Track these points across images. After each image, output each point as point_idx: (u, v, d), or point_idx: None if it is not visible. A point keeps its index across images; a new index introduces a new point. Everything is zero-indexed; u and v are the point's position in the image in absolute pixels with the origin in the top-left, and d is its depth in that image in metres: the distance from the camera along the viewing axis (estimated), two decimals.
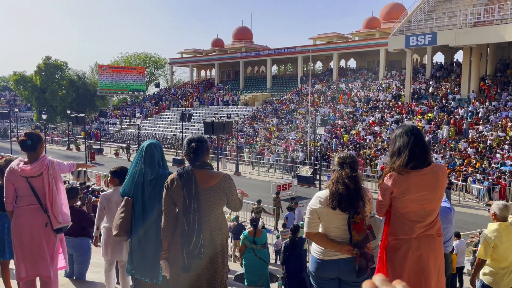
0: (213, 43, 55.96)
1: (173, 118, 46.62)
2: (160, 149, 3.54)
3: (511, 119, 24.39)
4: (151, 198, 3.30)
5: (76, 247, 5.24)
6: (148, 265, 3.30)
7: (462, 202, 19.02)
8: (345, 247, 2.95)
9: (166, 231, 3.06)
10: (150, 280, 3.32)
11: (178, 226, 3.05)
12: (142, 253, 3.31)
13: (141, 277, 3.35)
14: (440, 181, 2.90)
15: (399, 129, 3.03)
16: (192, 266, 2.99)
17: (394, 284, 0.89)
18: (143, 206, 3.32)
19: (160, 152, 3.51)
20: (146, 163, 3.38)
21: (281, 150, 30.01)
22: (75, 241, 5.20)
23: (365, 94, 35.86)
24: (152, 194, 3.30)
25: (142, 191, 3.33)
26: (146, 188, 3.33)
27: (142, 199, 3.33)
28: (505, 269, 4.50)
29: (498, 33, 25.85)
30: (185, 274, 3.00)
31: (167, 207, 3.06)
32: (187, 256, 2.96)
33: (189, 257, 2.96)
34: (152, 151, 3.43)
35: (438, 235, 3.00)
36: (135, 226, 3.37)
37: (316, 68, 53.52)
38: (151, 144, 3.47)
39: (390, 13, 42.97)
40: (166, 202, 3.06)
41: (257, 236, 7.00)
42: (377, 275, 0.93)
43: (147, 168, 3.36)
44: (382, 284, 0.88)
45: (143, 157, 3.42)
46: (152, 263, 3.29)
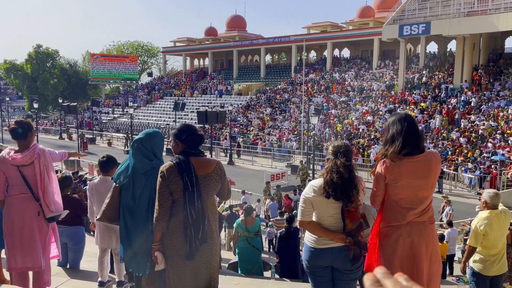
0: (207, 32, 55.50)
1: (166, 107, 46.38)
2: (157, 140, 3.44)
3: (503, 108, 24.58)
4: (143, 191, 3.26)
5: (72, 236, 5.23)
6: (135, 256, 3.28)
7: (453, 191, 19.23)
8: (339, 236, 2.97)
9: (161, 222, 3.01)
10: (137, 272, 3.30)
11: (174, 214, 3.03)
12: (129, 244, 3.30)
13: (131, 268, 3.34)
14: (433, 168, 2.91)
15: (393, 117, 3.04)
16: (196, 253, 3.00)
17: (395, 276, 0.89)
18: (133, 197, 3.29)
19: (156, 143, 3.42)
20: (135, 159, 3.33)
21: (274, 139, 30.04)
22: (70, 230, 5.19)
23: (359, 84, 35.88)
24: (145, 186, 3.26)
25: (133, 183, 3.30)
26: (138, 181, 3.28)
27: (133, 191, 3.29)
28: (494, 256, 4.56)
29: (491, 23, 25.90)
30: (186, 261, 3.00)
31: (163, 197, 3.01)
32: (199, 242, 2.96)
33: (200, 243, 2.97)
34: (140, 146, 3.34)
35: (430, 223, 3.01)
36: (123, 216, 3.34)
37: (310, 57, 53.34)
38: (138, 140, 3.37)
39: (384, 2, 42.81)
40: (162, 192, 3.01)
41: (250, 224, 7.03)
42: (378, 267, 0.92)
43: (138, 163, 3.32)
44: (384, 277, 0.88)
45: (131, 153, 3.37)
46: (139, 254, 3.27)
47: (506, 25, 25.57)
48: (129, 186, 3.31)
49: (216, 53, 52.80)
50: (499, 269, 4.63)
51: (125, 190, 3.32)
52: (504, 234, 4.71)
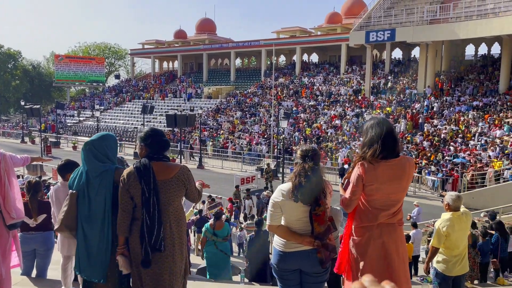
0: (176, 35, 54.99)
1: (134, 110, 45.57)
2: (109, 142, 3.33)
3: (463, 113, 25.59)
4: (97, 195, 3.16)
5: (44, 242, 5.03)
6: (93, 263, 3.18)
7: (417, 193, 19.81)
8: (307, 239, 2.99)
9: (123, 226, 3.00)
10: (95, 279, 3.20)
11: (136, 219, 3.00)
12: (87, 251, 3.19)
13: (86, 276, 3.22)
14: (406, 172, 2.99)
15: (371, 121, 3.09)
16: (153, 260, 2.96)
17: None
18: (89, 203, 3.19)
19: (108, 146, 3.30)
20: (87, 162, 3.24)
21: (244, 143, 30.06)
22: (43, 235, 5.00)
23: (327, 88, 36.48)
24: (98, 190, 3.17)
25: (87, 188, 3.19)
26: (91, 185, 3.19)
27: (88, 196, 3.20)
28: (457, 257, 4.72)
29: (453, 31, 26.96)
30: (146, 269, 2.96)
31: (124, 202, 3.00)
32: (151, 250, 2.93)
33: (152, 251, 2.93)
34: (91, 148, 3.24)
35: (399, 224, 3.10)
36: (80, 223, 3.23)
37: (279, 61, 53.82)
38: (90, 142, 3.28)
39: (351, 8, 43.79)
40: (123, 196, 3.00)
41: (218, 229, 6.99)
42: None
43: (90, 167, 3.22)
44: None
45: (83, 156, 3.28)
46: (97, 261, 3.17)
47: (466, 33, 26.69)
48: (84, 191, 3.21)
49: (185, 56, 52.39)
50: (461, 269, 4.80)
51: (81, 196, 3.22)
52: (466, 235, 4.89)
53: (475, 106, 25.88)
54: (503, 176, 17.91)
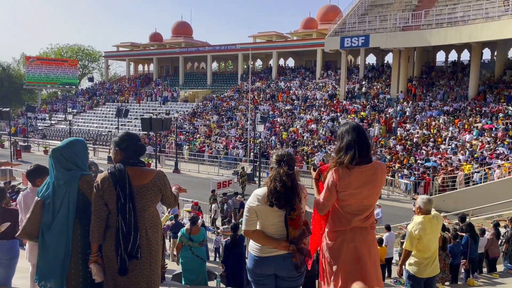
0: (151, 37, 54.46)
1: (108, 113, 44.79)
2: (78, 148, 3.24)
3: (434, 118, 26.29)
4: (62, 203, 3.08)
5: (8, 251, 4.85)
6: (52, 272, 3.09)
7: (391, 196, 20.21)
8: (282, 244, 3.00)
9: (97, 233, 2.93)
10: None
11: (110, 226, 2.94)
12: (46, 260, 3.10)
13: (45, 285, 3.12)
14: (379, 178, 3.05)
15: (346, 126, 3.13)
16: (130, 268, 2.91)
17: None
18: (53, 211, 3.11)
19: (77, 152, 3.22)
20: (55, 169, 3.15)
21: (221, 147, 29.98)
22: (8, 244, 4.81)
23: (303, 93, 36.83)
24: (63, 198, 3.08)
25: (53, 196, 3.11)
26: (57, 194, 3.10)
27: (53, 204, 3.11)
28: (428, 259, 4.84)
29: (424, 38, 27.71)
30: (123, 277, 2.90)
31: (98, 208, 2.94)
32: (128, 257, 2.87)
33: (129, 259, 2.88)
34: (58, 156, 3.15)
35: (371, 228, 3.16)
36: (41, 231, 3.13)
37: (256, 66, 54.02)
38: (57, 149, 3.19)
39: (327, 14, 44.44)
40: (97, 203, 2.94)
41: (194, 234, 6.93)
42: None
43: (56, 174, 3.13)
44: None
45: (51, 164, 3.19)
46: (56, 270, 3.08)
47: (437, 40, 27.49)
48: (50, 199, 3.12)
49: (161, 59, 51.92)
50: (432, 271, 4.92)
51: (46, 204, 3.13)
52: (437, 237, 5.01)
53: (446, 111, 26.63)
54: (472, 179, 18.47)
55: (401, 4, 32.31)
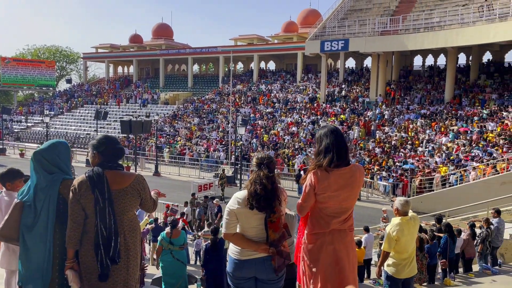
0: (131, 39, 53.88)
1: (87, 116, 44.06)
2: (60, 151, 3.17)
3: (412, 121, 26.80)
4: (43, 207, 3.02)
5: None
6: (35, 276, 3.03)
7: (370, 198, 20.49)
8: (262, 246, 3.01)
9: (73, 239, 2.88)
10: None
11: (88, 231, 2.90)
12: (28, 264, 3.04)
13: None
14: (357, 180, 3.09)
15: (324, 129, 3.17)
16: (109, 273, 2.87)
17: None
18: (34, 215, 3.04)
19: (60, 155, 3.15)
20: (36, 172, 3.08)
21: (202, 149, 29.85)
22: None
23: (284, 96, 37.02)
24: (44, 202, 3.02)
25: (34, 199, 3.04)
26: (38, 197, 3.04)
27: (34, 207, 3.05)
28: (406, 260, 4.92)
29: (402, 42, 28.25)
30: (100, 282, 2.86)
31: (75, 213, 2.88)
32: (110, 262, 2.84)
33: (111, 263, 2.85)
34: (40, 158, 3.09)
35: (350, 230, 3.20)
36: (22, 235, 3.07)
37: (237, 68, 54.03)
38: (39, 151, 3.12)
39: (307, 18, 44.86)
40: (73, 207, 2.88)
41: (175, 237, 6.88)
42: None
43: (38, 178, 3.07)
44: None
45: (32, 166, 3.12)
46: (38, 274, 3.02)
47: (414, 44, 28.06)
48: (31, 202, 3.06)
49: (141, 61, 51.40)
50: (410, 272, 5.00)
51: (27, 207, 3.06)
52: (414, 238, 5.11)
53: (423, 114, 27.18)
54: (448, 181, 18.89)
55: (379, 9, 32.90)
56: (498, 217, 9.58)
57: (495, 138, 21.05)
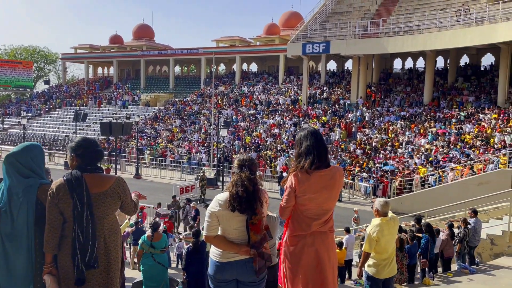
0: (111, 40, 53.24)
1: (65, 117, 43.27)
2: (34, 154, 3.08)
3: (392, 123, 27.21)
4: (20, 212, 2.92)
5: None
6: (16, 283, 2.95)
7: (351, 199, 20.68)
8: (243, 248, 3.00)
9: (51, 243, 2.82)
10: None
11: (66, 235, 2.84)
12: (9, 270, 2.95)
13: None
14: (337, 182, 3.11)
15: (303, 131, 3.18)
16: (87, 278, 2.82)
17: None
18: (11, 220, 2.95)
19: (34, 158, 3.06)
20: (9, 176, 2.97)
21: (184, 151, 29.64)
22: None
23: (266, 98, 37.11)
24: (21, 208, 2.93)
25: (9, 205, 2.94)
26: (14, 201, 2.94)
27: (11, 213, 2.95)
28: (386, 260, 4.98)
29: (382, 45, 28.68)
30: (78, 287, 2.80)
31: (52, 217, 2.82)
32: (85, 268, 2.78)
33: (86, 268, 2.79)
34: (13, 161, 2.98)
35: (331, 232, 3.22)
36: (1, 243, 2.96)
37: (219, 70, 53.93)
38: (12, 154, 3.01)
39: (289, 20, 45.12)
40: (51, 211, 2.82)
41: (156, 240, 6.81)
42: None
43: (12, 182, 2.96)
44: None
45: (5, 170, 3.02)
46: (20, 280, 2.94)
47: (394, 47, 28.52)
48: (7, 208, 2.96)
49: (122, 62, 50.80)
50: (390, 272, 5.06)
51: (3, 213, 2.96)
52: (394, 239, 5.17)
53: (403, 116, 27.63)
54: (427, 182, 19.23)
55: (360, 12, 33.32)
56: (475, 217, 9.78)
57: (472, 139, 21.54)
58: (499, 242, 10.40)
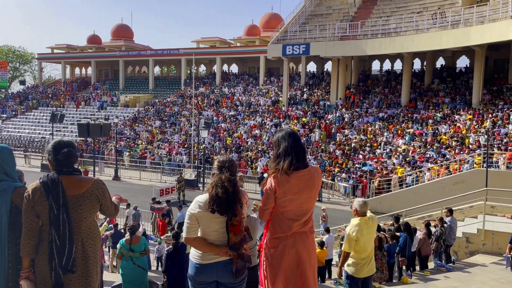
0: (89, 40, 52.32)
1: (42, 118, 42.32)
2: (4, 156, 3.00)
3: (371, 124, 27.60)
4: None
5: None
6: None
7: (331, 199, 20.88)
8: (223, 250, 2.99)
9: (28, 247, 2.76)
10: None
11: (43, 239, 2.78)
12: None
13: None
14: (315, 182, 3.14)
15: (281, 132, 3.20)
16: (65, 282, 2.77)
17: None
18: None
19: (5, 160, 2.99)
20: None
21: (164, 153, 29.37)
22: None
23: (247, 99, 37.13)
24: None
25: None
26: None
27: None
28: (365, 259, 5.04)
29: (361, 47, 29.06)
30: None
31: (29, 220, 2.76)
32: (62, 272, 2.73)
33: (63, 273, 2.73)
34: None
35: (311, 232, 3.24)
36: None
37: (199, 71, 53.67)
38: None
39: (269, 22, 45.25)
40: (27, 214, 2.76)
41: (134, 244, 6.72)
42: None
43: None
44: None
45: None
46: None
47: (372, 49, 28.93)
48: None
49: (100, 62, 50.00)
50: (369, 271, 5.13)
51: None
52: (373, 238, 5.24)
53: (381, 117, 28.06)
54: (405, 181, 19.58)
55: (339, 14, 33.69)
56: (451, 216, 10.02)
57: (448, 140, 22.04)
58: (474, 240, 10.68)
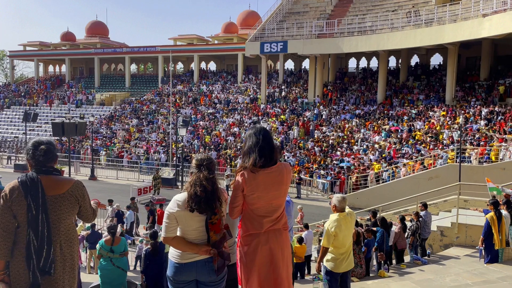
0: (63, 37, 51.10)
1: (14, 118, 41.17)
2: None
3: (348, 121, 27.96)
4: None
5: None
6: None
7: (310, 196, 21.09)
8: (203, 248, 2.99)
9: (3, 249, 2.69)
10: None
11: (19, 241, 2.72)
12: None
13: None
14: (284, 178, 3.15)
15: (249, 131, 3.22)
16: (42, 285, 2.71)
17: None
18: None
19: None
20: None
21: (141, 152, 29.01)
22: None
23: (225, 96, 37.03)
24: None
25: None
26: None
27: None
28: (343, 255, 5.12)
29: (337, 45, 29.37)
30: None
31: (5, 221, 2.69)
32: (39, 273, 2.67)
33: (41, 275, 2.68)
34: None
35: (284, 229, 3.25)
36: None
37: (177, 69, 53.15)
38: None
39: (246, 19, 45.21)
40: (4, 214, 2.69)
41: (115, 245, 6.64)
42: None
43: None
44: None
45: None
46: None
47: (349, 47, 29.30)
48: None
49: (74, 59, 48.92)
50: (347, 266, 5.22)
51: None
52: (351, 233, 5.33)
53: (358, 114, 28.45)
54: (382, 177, 19.93)
55: (316, 12, 33.93)
56: (425, 210, 10.27)
57: (422, 136, 22.54)
58: (448, 234, 10.97)
